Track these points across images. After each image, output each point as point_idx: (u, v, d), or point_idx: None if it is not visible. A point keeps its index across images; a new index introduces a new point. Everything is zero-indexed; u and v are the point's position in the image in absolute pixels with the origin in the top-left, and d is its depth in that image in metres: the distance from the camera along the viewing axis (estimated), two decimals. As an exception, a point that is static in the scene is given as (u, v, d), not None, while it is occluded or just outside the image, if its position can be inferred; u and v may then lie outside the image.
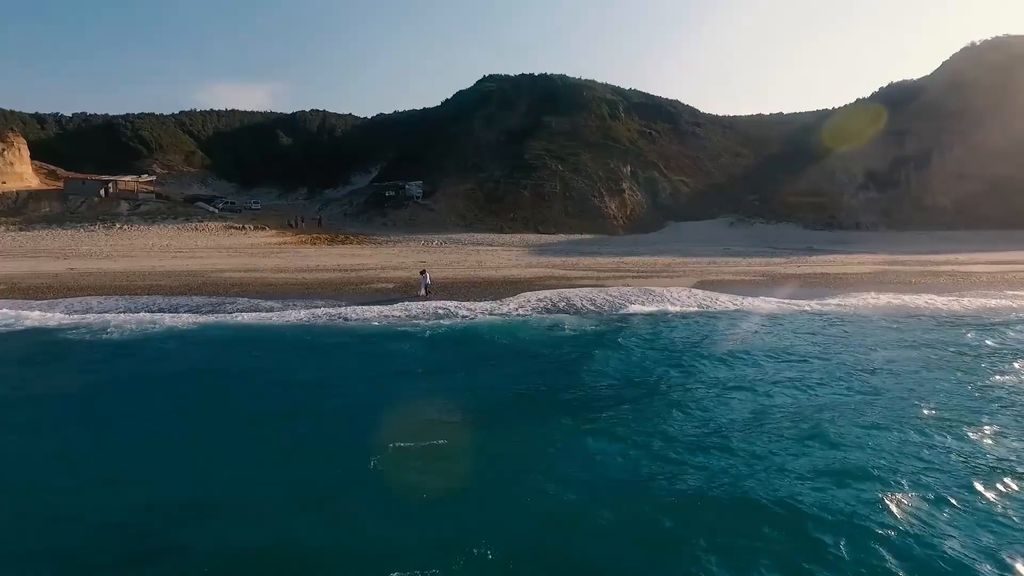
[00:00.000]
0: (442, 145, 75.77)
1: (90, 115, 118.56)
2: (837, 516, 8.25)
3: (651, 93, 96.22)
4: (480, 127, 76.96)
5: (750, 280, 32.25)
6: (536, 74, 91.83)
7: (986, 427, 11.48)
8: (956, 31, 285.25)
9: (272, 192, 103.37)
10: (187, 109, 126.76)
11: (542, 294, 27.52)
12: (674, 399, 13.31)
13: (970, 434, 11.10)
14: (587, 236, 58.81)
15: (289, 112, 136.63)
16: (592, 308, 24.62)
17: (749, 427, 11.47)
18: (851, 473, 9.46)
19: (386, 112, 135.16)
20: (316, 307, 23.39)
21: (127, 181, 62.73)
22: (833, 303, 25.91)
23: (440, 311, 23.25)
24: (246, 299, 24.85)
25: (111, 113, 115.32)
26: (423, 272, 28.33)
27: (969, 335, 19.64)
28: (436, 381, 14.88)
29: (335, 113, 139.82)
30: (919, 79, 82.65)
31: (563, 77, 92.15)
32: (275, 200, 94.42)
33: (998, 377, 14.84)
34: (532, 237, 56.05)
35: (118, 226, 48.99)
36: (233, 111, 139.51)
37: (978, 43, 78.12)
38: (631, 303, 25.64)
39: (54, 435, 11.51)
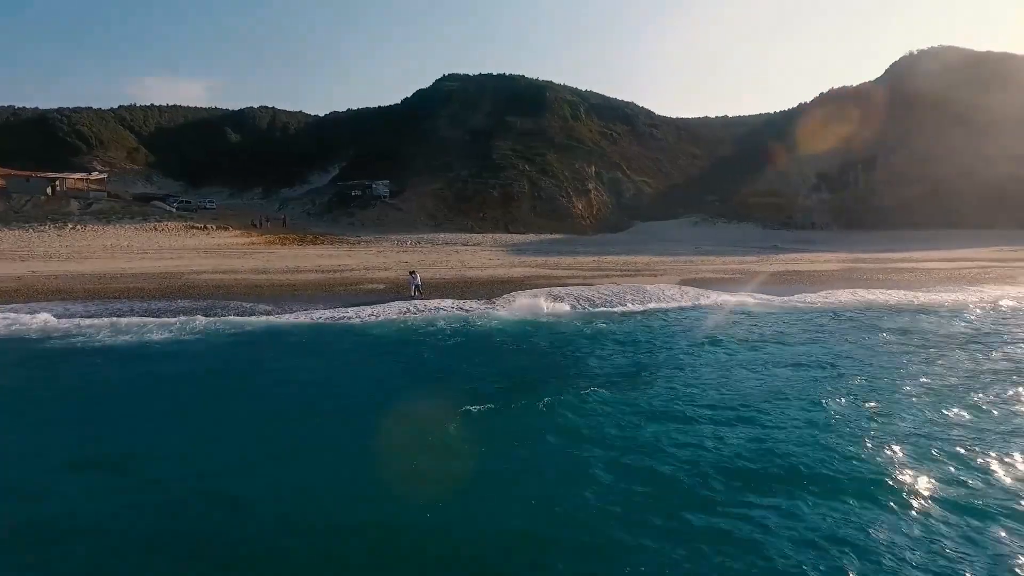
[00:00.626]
0: (407, 144, 74.89)
1: (19, 108, 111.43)
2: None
3: (606, 95, 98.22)
4: (445, 126, 76.53)
5: (730, 278, 33.34)
6: (498, 74, 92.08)
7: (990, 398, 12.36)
8: (896, 41, 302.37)
9: (223, 191, 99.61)
10: (121, 104, 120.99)
11: (537, 292, 27.67)
12: (707, 389, 13.67)
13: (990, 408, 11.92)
14: (557, 236, 59.40)
15: (236, 108, 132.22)
16: (592, 306, 24.95)
17: (791, 409, 11.94)
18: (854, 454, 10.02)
19: (339, 110, 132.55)
20: (315, 310, 22.81)
21: (76, 179, 59.13)
22: (817, 298, 27.16)
23: (444, 311, 23.10)
24: (238, 302, 23.93)
25: (41, 107, 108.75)
26: (412, 273, 27.96)
27: (955, 325, 20.99)
28: (471, 383, 14.78)
29: (285, 110, 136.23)
30: (859, 85, 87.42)
31: (523, 78, 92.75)
32: (228, 199, 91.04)
33: (987, 362, 15.95)
34: (504, 237, 56.16)
35: (70, 226, 46.15)
36: (176, 106, 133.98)
37: (916, 52, 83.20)
38: (628, 301, 26.13)
39: (110, 441, 10.87)
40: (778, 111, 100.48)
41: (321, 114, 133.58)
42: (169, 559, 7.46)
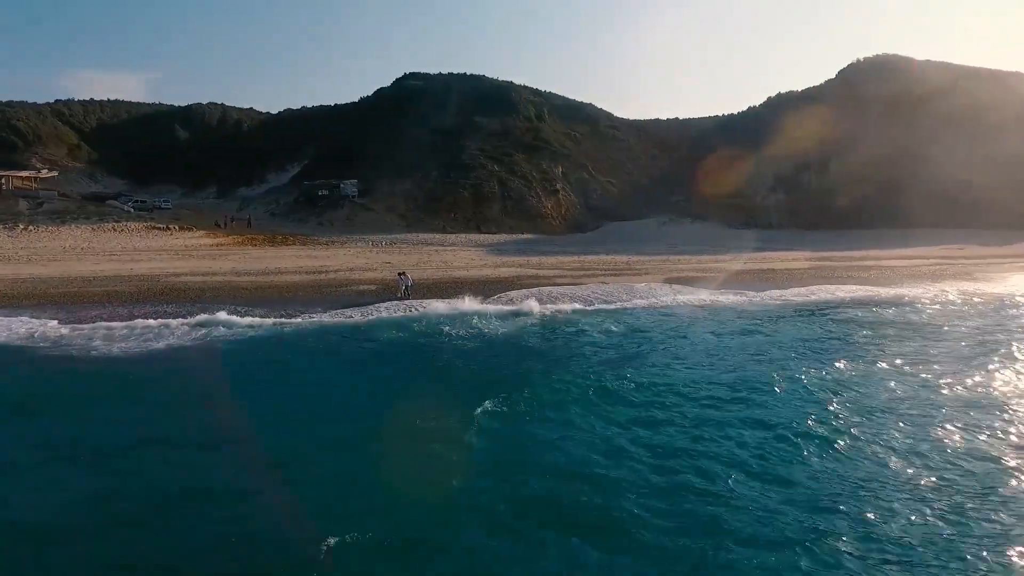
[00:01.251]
0: (372, 143, 73.61)
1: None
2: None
3: (565, 95, 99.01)
4: (412, 125, 75.62)
5: (712, 276, 34.33)
6: (462, 73, 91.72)
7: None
8: (844, 47, 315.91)
9: (174, 190, 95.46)
10: (57, 98, 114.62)
11: (530, 292, 27.87)
12: (724, 375, 14.18)
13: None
14: (529, 236, 59.58)
15: (182, 104, 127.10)
16: (588, 305, 25.28)
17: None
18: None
19: (293, 107, 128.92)
20: (316, 313, 22.35)
21: (23, 177, 55.61)
22: (796, 294, 28.41)
23: (445, 313, 22.93)
24: (232, 306, 23.12)
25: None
26: (401, 274, 27.66)
27: (927, 316, 22.40)
28: (499, 385, 14.82)
29: (236, 107, 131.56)
30: (806, 89, 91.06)
31: (486, 77, 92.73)
32: (181, 199, 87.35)
33: (965, 346, 17.16)
34: (478, 237, 56.05)
35: (21, 227, 43.40)
36: (117, 101, 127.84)
37: (863, 59, 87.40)
38: (622, 299, 26.62)
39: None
40: (727, 114, 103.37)
41: (274, 111, 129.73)
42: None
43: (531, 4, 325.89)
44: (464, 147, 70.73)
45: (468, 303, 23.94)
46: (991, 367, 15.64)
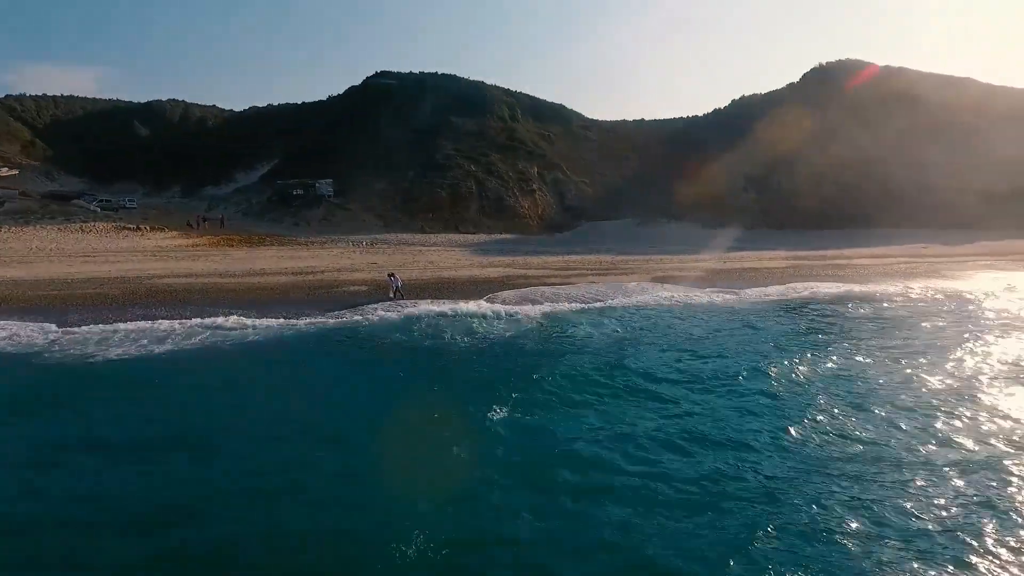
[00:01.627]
0: (346, 142, 72.63)
1: None
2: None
3: (534, 95, 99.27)
4: (387, 125, 74.87)
5: (697, 275, 35.00)
6: (435, 72, 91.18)
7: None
8: (807, 53, 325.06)
9: (136, 189, 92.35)
10: (8, 94, 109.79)
11: (524, 292, 28.01)
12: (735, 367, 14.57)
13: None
14: (507, 236, 59.69)
15: (142, 100, 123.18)
16: (584, 303, 25.47)
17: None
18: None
19: (259, 105, 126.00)
20: (314, 315, 21.96)
21: (-20, 175, 53.00)
22: (777, 291, 29.25)
23: (444, 313, 22.79)
24: (225, 308, 22.56)
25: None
26: (391, 275, 27.45)
27: (904, 310, 23.38)
28: (508, 385, 14.87)
29: (199, 104, 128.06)
30: (769, 92, 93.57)
31: (457, 77, 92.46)
32: (145, 198, 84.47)
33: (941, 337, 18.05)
34: (457, 237, 55.87)
35: (-18, 228, 41.51)
36: (72, 97, 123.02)
37: (826, 64, 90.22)
38: (615, 298, 26.91)
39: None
40: (692, 116, 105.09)
41: (238, 108, 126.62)
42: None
43: (501, 5, 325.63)
44: (440, 146, 70.44)
45: (468, 304, 23.86)
46: (968, 357, 16.54)
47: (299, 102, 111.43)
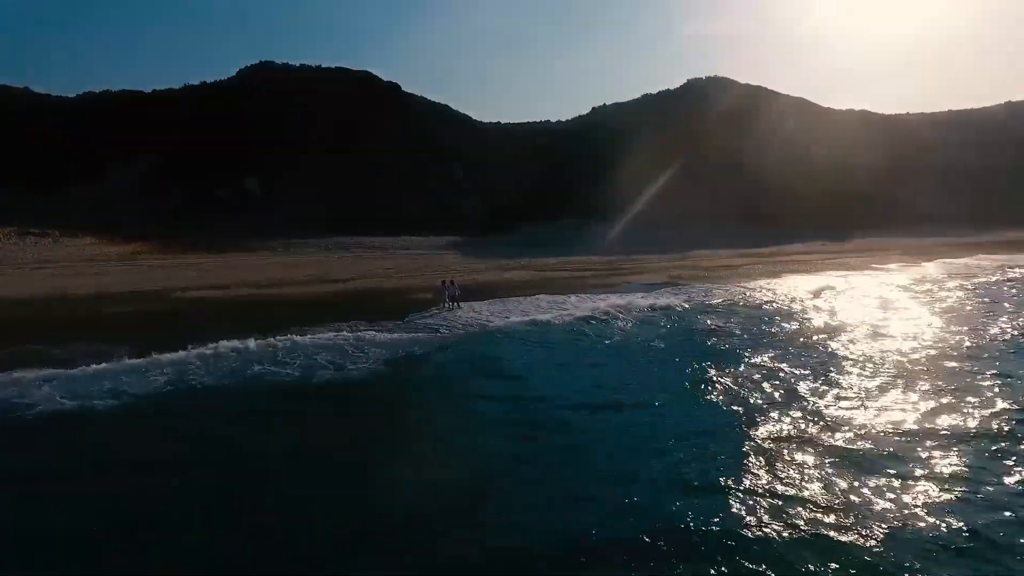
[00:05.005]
0: (257, 139, 64.95)
1: None
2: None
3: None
4: (304, 121, 68.39)
5: (707, 275, 36.01)
6: (354, 69, 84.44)
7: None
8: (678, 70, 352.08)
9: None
10: None
11: (606, 293, 26.84)
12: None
13: None
14: (452, 238, 57.20)
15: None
16: (691, 301, 25.27)
17: None
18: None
19: (96, 91, 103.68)
20: (414, 330, 19.66)
21: None
22: (764, 286, 31.45)
23: (570, 311, 21.54)
24: (336, 323, 19.10)
25: None
26: (447, 282, 25.50)
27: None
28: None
29: (14, 87, 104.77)
30: (660, 92, 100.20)
31: (375, 76, 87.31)
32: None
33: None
34: (415, 239, 52.81)
35: None
36: None
37: (705, 78, 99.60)
38: (712, 295, 26.83)
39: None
40: (559, 120, 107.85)
41: (69, 95, 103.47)
42: None
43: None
44: (368, 145, 66.29)
45: (608, 300, 23.12)
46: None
47: (182, 86, 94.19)
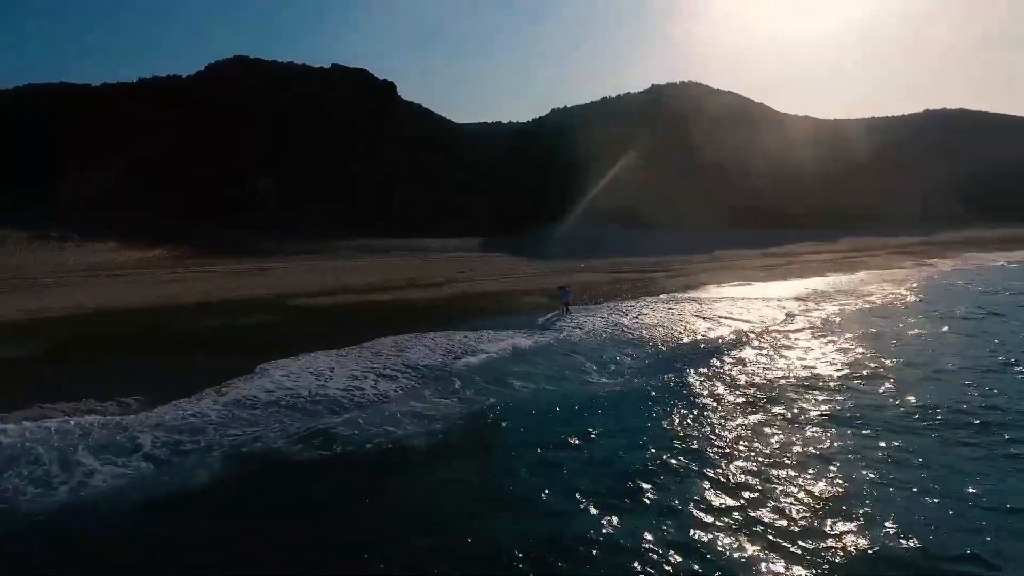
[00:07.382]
0: (259, 136, 62.10)
1: None
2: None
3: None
4: (305, 120, 65.94)
5: (758, 275, 37.50)
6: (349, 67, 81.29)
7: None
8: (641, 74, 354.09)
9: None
10: None
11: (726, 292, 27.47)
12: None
13: None
14: (474, 238, 56.56)
15: None
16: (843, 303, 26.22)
17: None
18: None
19: (51, 82, 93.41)
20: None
21: None
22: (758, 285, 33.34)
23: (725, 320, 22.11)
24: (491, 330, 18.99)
25: None
26: (563, 288, 25.86)
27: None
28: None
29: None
30: (626, 94, 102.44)
31: (369, 73, 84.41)
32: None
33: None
34: (435, 242, 51.68)
35: None
36: None
37: (678, 83, 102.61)
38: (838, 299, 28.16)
39: None
40: (502, 122, 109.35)
41: (15, 85, 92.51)
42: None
43: None
44: (377, 146, 64.72)
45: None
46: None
47: (166, 75, 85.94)
